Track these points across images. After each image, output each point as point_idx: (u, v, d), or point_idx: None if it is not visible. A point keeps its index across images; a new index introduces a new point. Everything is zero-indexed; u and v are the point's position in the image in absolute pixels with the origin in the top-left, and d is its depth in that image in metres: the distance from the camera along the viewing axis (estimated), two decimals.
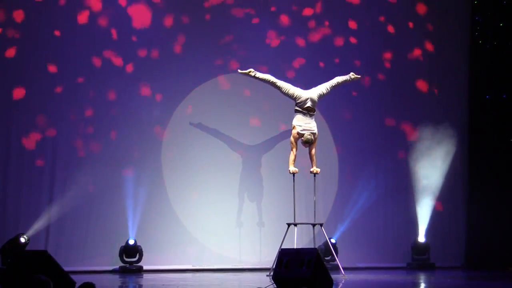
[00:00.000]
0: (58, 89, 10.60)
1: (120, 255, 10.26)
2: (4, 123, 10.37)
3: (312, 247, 9.32)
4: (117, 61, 10.85)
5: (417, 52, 11.90)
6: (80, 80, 10.67)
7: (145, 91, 10.89)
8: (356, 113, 11.60)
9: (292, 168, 9.35)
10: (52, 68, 10.59)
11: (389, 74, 11.80)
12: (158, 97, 10.94)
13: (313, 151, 9.42)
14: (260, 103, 11.24)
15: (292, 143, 9.35)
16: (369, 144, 11.56)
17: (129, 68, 10.87)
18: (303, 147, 9.38)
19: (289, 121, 9.63)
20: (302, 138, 9.28)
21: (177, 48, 11.07)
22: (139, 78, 10.88)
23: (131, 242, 10.33)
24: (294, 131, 9.35)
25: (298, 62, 11.48)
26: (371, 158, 11.53)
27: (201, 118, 11.04)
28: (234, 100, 11.16)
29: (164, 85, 10.95)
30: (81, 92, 10.67)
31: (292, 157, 9.34)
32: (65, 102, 10.59)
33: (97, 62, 10.75)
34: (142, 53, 10.94)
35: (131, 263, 10.27)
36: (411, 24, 11.95)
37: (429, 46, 11.93)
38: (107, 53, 10.81)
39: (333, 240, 10.62)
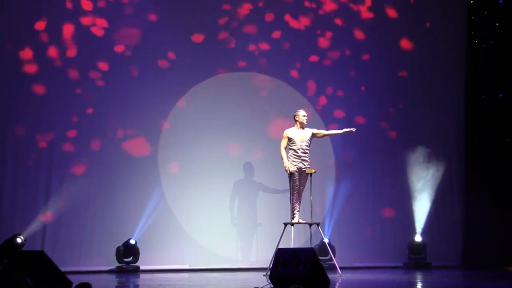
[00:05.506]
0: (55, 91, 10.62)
1: (118, 255, 10.24)
2: (1, 123, 10.38)
3: (309, 246, 9.32)
4: (114, 63, 10.88)
5: (413, 51, 11.90)
6: (78, 82, 10.69)
7: (143, 90, 10.87)
8: (352, 113, 11.59)
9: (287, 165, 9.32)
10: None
11: (386, 75, 11.80)
12: (155, 96, 10.92)
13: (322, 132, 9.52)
14: (259, 102, 11.23)
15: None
16: (366, 144, 11.55)
17: (126, 65, 10.87)
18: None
19: (287, 120, 9.60)
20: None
21: (176, 45, 11.05)
22: (135, 76, 10.87)
23: (132, 242, 10.30)
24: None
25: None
26: (367, 157, 11.53)
27: (199, 117, 11.03)
28: (232, 99, 11.15)
29: (162, 84, 10.94)
30: (79, 94, 10.67)
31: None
32: (62, 104, 10.61)
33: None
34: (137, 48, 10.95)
35: (128, 263, 10.26)
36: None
37: (425, 46, 11.91)
38: (103, 57, 10.84)
39: (328, 240, 10.61)
